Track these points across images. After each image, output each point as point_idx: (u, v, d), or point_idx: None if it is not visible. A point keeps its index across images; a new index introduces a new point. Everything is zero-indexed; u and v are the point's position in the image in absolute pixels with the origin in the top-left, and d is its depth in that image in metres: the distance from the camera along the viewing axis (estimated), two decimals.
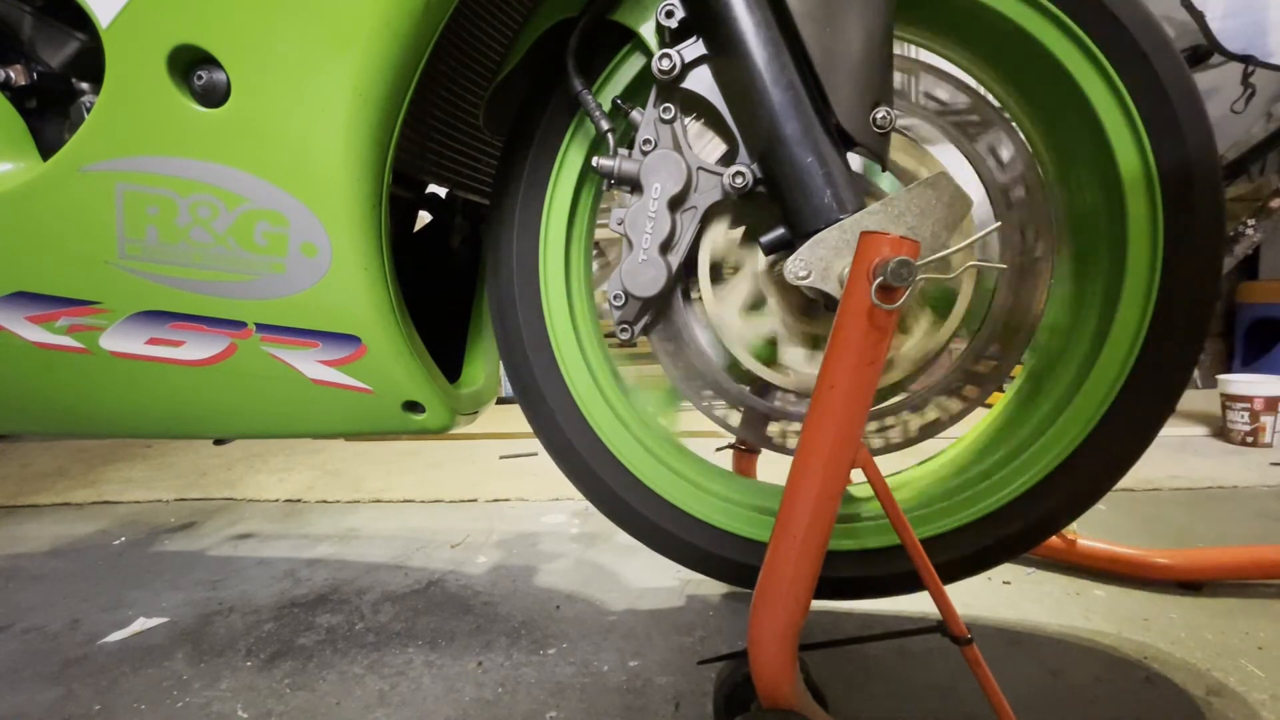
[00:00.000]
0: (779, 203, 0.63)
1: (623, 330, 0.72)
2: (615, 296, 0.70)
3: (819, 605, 0.73)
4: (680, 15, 0.63)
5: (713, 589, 1.04)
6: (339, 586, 1.11)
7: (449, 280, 0.98)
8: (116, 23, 0.59)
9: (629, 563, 1.16)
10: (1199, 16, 1.61)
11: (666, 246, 0.67)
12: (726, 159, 0.68)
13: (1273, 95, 1.83)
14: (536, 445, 1.54)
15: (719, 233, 0.70)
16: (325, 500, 1.63)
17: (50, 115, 0.68)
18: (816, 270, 0.59)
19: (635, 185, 0.66)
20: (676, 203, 0.66)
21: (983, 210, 0.70)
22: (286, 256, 0.64)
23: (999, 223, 0.70)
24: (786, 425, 0.78)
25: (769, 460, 0.97)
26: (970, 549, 0.70)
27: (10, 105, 0.66)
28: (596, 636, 0.92)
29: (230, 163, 0.62)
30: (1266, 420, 1.84)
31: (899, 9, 0.66)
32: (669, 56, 0.63)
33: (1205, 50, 1.65)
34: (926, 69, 0.71)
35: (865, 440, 0.76)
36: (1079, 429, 0.68)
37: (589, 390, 0.77)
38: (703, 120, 0.69)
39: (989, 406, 0.80)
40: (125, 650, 0.94)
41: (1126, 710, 0.72)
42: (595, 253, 0.83)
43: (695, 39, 0.64)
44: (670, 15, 0.63)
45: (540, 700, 0.78)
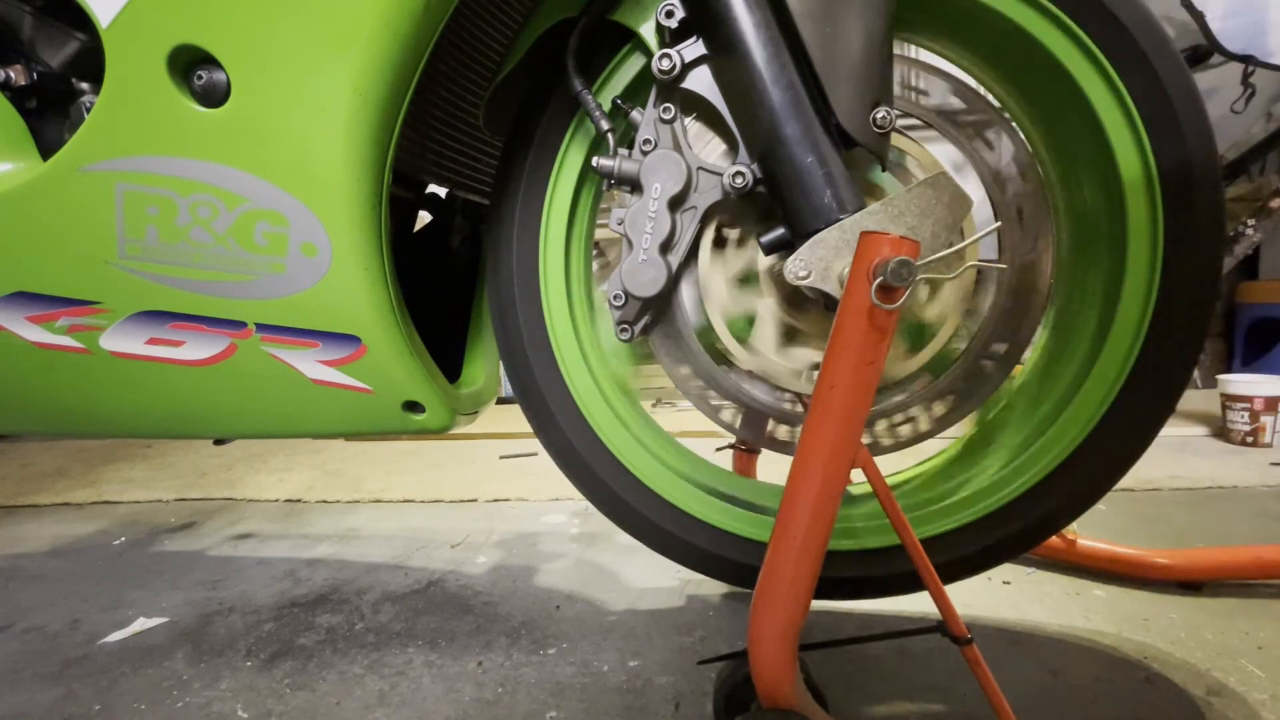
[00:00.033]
0: (779, 202, 0.63)
1: (623, 330, 0.72)
2: (615, 296, 0.70)
3: (819, 605, 0.73)
4: (680, 15, 0.63)
5: (713, 589, 1.04)
6: (339, 586, 1.11)
7: (449, 280, 0.98)
8: (116, 23, 0.59)
9: (629, 563, 1.16)
10: (1199, 16, 1.61)
11: (666, 246, 0.67)
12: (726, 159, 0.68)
13: (1273, 95, 1.83)
14: (536, 445, 1.54)
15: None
16: (325, 500, 1.63)
17: (50, 115, 0.68)
18: (816, 270, 0.59)
19: (635, 185, 0.66)
20: (676, 203, 0.66)
21: (983, 211, 0.69)
22: (286, 256, 0.64)
23: (999, 223, 0.70)
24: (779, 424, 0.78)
25: (769, 460, 0.97)
26: (970, 549, 0.70)
27: (10, 105, 0.66)
28: (596, 636, 0.92)
29: (230, 163, 0.62)
30: (1266, 420, 1.84)
31: (899, 9, 0.66)
32: (669, 56, 0.63)
33: (1205, 50, 1.65)
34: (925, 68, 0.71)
35: (874, 439, 0.76)
36: (1079, 429, 0.68)
37: (589, 390, 0.77)
38: (703, 120, 0.69)
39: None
40: (125, 650, 0.94)
41: (1126, 710, 0.72)
42: (595, 253, 0.83)
43: (695, 39, 0.64)
44: (670, 15, 0.63)
45: (540, 700, 0.78)
